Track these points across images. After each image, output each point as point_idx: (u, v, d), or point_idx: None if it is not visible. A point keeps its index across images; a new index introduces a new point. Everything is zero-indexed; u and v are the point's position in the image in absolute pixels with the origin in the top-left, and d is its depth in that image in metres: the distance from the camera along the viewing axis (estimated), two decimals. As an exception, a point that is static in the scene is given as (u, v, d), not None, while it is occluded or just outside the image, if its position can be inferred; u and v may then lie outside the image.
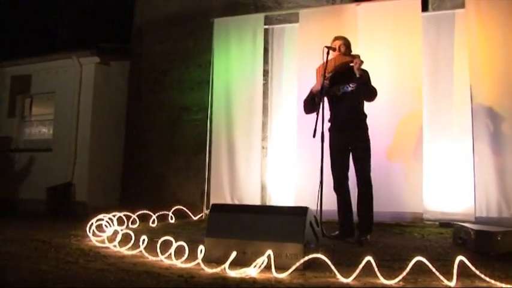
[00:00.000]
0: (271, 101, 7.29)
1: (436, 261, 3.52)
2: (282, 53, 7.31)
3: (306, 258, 3.39)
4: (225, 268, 3.43)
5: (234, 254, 3.49)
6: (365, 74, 5.01)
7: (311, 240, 3.71)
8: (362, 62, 4.95)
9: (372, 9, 6.66)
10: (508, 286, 3.11)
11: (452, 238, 5.03)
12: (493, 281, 3.19)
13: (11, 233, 5.30)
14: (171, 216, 6.83)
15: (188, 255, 3.76)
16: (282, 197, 6.94)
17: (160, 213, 6.56)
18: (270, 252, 3.43)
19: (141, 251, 4.08)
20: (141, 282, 3.03)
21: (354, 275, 3.25)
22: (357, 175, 5.07)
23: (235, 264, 3.46)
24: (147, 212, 6.38)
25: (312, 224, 3.76)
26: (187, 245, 3.84)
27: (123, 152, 8.79)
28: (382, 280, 3.23)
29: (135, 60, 8.70)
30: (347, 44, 5.20)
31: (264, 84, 7.19)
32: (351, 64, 5.02)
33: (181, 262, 3.67)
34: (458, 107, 6.27)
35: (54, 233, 5.28)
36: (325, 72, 4.98)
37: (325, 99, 5.08)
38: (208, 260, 3.65)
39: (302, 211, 3.71)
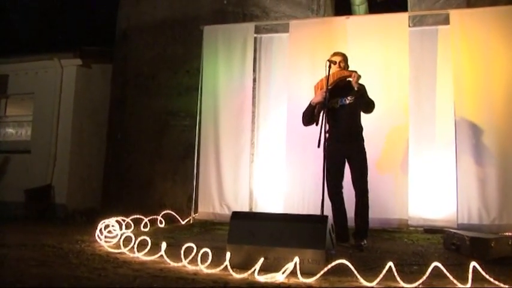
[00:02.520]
0: (258, 108, 7.42)
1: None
2: (270, 61, 7.45)
3: (333, 263, 3.58)
4: (253, 273, 3.58)
5: (261, 260, 3.64)
6: (362, 88, 5.27)
7: (330, 246, 3.91)
8: (360, 76, 5.22)
9: (360, 23, 6.93)
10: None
11: (444, 244, 5.34)
12: (502, 285, 3.46)
13: (11, 237, 5.27)
14: (161, 221, 6.89)
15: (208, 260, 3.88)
16: (269, 203, 7.07)
17: (151, 217, 6.62)
18: (296, 258, 3.60)
19: (159, 257, 4.18)
20: (182, 288, 3.14)
21: (378, 279, 3.47)
22: (354, 185, 5.31)
23: (258, 270, 3.61)
24: (138, 216, 6.43)
25: (330, 231, 3.95)
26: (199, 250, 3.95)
27: (105, 155, 8.75)
28: (402, 284, 3.46)
29: (119, 63, 8.68)
30: (345, 59, 5.46)
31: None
32: (349, 79, 5.27)
33: (206, 268, 3.80)
34: (441, 120, 6.58)
35: (58, 238, 5.29)
36: (327, 85, 5.19)
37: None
38: (230, 266, 3.78)
39: (323, 219, 3.90)
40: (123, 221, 6.04)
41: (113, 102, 8.70)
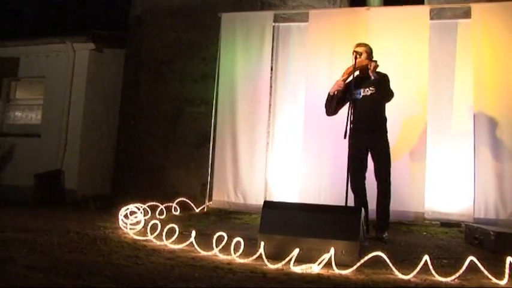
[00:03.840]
0: (275, 98, 7.38)
1: (464, 260, 3.74)
2: (288, 51, 7.42)
3: (370, 255, 3.57)
4: (288, 264, 3.57)
5: (296, 251, 3.63)
6: (383, 77, 5.27)
7: (362, 238, 3.91)
8: (377, 65, 5.23)
9: (381, 14, 6.90)
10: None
11: (465, 238, 5.36)
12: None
13: (30, 222, 5.25)
14: (175, 208, 6.87)
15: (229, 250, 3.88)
16: (284, 194, 7.05)
17: (166, 205, 6.60)
18: (332, 250, 3.60)
19: (187, 245, 4.16)
20: (224, 278, 3.12)
21: (414, 272, 3.47)
22: (376, 175, 5.32)
23: (288, 261, 3.61)
24: (154, 203, 6.41)
25: (362, 223, 3.95)
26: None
27: (117, 141, 8.70)
28: (438, 277, 3.46)
29: (133, 49, 8.60)
30: (368, 50, 5.45)
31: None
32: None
33: (238, 257, 3.80)
34: (459, 113, 6.58)
35: (79, 224, 5.27)
36: (353, 75, 5.20)
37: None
38: (261, 256, 3.77)
39: (357, 211, 3.90)
40: (140, 207, 6.01)
41: (126, 87, 8.63)
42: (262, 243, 3.77)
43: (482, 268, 3.53)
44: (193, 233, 4.18)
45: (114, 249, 3.93)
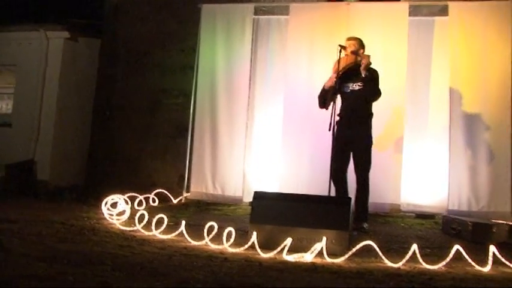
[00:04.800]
0: (254, 90, 7.39)
1: (444, 249, 3.88)
2: (267, 43, 7.43)
3: (361, 244, 3.66)
4: (280, 253, 3.63)
5: (289, 241, 3.69)
6: (373, 74, 5.35)
7: (351, 228, 3.99)
8: (369, 63, 5.30)
9: (361, 10, 6.98)
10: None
11: (442, 228, 5.54)
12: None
13: (11, 212, 5.14)
14: (153, 199, 6.84)
15: (219, 239, 3.91)
16: (263, 186, 7.07)
17: (145, 196, 6.56)
18: (324, 239, 3.67)
19: (176, 235, 4.17)
20: (223, 267, 3.15)
21: (404, 261, 3.58)
22: (355, 170, 5.44)
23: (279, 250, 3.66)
24: (133, 194, 6.36)
25: (351, 214, 4.03)
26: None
27: (91, 131, 8.56)
28: (426, 265, 3.58)
29: (109, 38, 8.47)
30: (357, 44, 5.50)
31: (248, 73, 7.30)
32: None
33: (229, 246, 3.83)
34: (435, 108, 6.75)
35: (61, 215, 5.21)
36: (338, 70, 5.25)
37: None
38: (252, 245, 3.82)
39: (347, 201, 3.98)
40: (121, 198, 5.96)
41: (101, 77, 8.50)
42: (255, 233, 3.81)
43: (466, 256, 3.68)
44: (183, 223, 4.19)
45: (104, 239, 3.92)
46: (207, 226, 4.04)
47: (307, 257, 3.59)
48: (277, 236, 3.81)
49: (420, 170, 6.68)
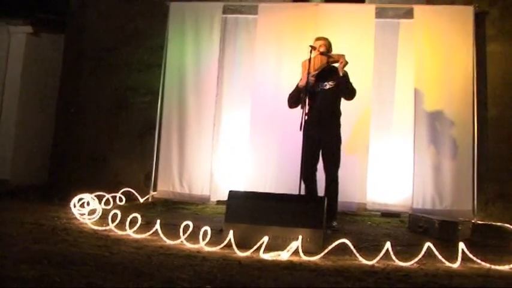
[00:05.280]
0: (222, 88, 7.39)
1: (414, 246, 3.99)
2: (235, 42, 7.46)
3: (337, 242, 3.73)
4: (257, 251, 3.66)
5: (266, 239, 3.72)
6: (346, 74, 5.43)
7: (324, 226, 4.06)
8: (347, 62, 5.37)
9: (329, 11, 7.09)
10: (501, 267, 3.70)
11: (408, 226, 5.68)
12: (479, 261, 3.77)
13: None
14: (120, 198, 6.76)
15: (194, 238, 3.92)
16: (230, 185, 7.08)
17: (111, 195, 6.47)
18: (300, 237, 3.72)
19: (150, 235, 4.15)
20: (203, 265, 3.15)
21: (378, 258, 3.67)
22: (325, 170, 5.51)
23: (255, 248, 3.69)
24: (100, 193, 6.27)
25: (324, 212, 4.10)
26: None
27: (54, 129, 8.37)
28: (398, 262, 3.68)
29: (74, 34, 8.31)
30: (327, 44, 5.58)
31: (215, 72, 7.30)
32: (335, 64, 5.41)
33: (205, 245, 3.84)
34: (401, 109, 6.92)
35: (30, 215, 5.07)
36: (309, 70, 5.32)
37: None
38: (227, 244, 3.84)
39: (321, 200, 4.04)
40: (89, 197, 5.87)
41: (65, 74, 8.32)
42: (231, 232, 3.83)
43: (437, 253, 3.80)
44: (158, 223, 4.18)
45: (79, 239, 3.86)
46: (182, 225, 4.03)
47: (284, 256, 3.63)
48: (252, 235, 3.84)
49: (386, 169, 6.85)
